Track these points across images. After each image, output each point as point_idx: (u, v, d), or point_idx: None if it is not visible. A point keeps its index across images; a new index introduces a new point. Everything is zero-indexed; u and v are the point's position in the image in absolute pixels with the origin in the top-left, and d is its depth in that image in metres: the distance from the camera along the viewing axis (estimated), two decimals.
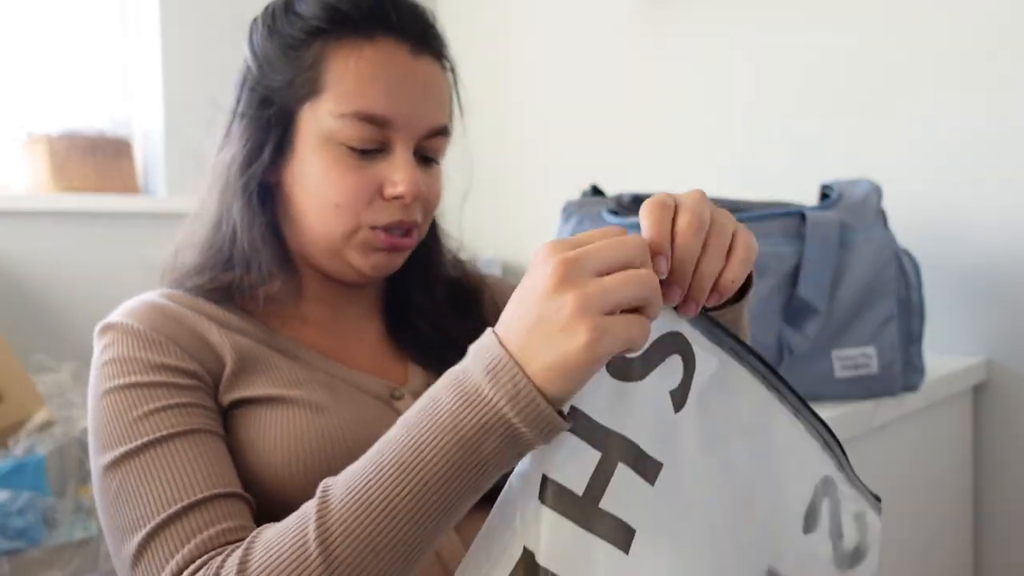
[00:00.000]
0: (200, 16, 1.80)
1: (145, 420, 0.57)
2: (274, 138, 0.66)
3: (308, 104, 0.65)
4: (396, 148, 0.65)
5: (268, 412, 0.62)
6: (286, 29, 0.66)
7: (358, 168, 0.64)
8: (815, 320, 0.88)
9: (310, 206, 0.66)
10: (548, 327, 0.43)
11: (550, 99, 1.88)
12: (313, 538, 0.45)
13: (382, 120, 0.64)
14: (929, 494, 1.10)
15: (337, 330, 0.73)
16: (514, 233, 1.95)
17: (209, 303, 0.67)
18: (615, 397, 0.48)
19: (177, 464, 0.55)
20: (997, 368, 1.21)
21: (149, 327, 0.62)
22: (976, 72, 1.21)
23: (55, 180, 1.64)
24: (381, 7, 0.65)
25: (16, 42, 1.68)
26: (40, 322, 1.60)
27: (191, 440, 0.57)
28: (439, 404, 0.45)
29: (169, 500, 0.53)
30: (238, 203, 0.67)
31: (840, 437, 0.87)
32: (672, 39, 1.61)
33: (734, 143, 1.52)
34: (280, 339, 0.68)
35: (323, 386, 0.65)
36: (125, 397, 0.58)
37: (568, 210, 1.05)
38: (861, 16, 1.33)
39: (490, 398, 0.44)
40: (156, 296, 0.67)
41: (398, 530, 0.45)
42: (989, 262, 1.20)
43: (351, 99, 0.63)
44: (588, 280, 0.43)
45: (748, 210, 1.02)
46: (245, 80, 0.69)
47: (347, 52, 0.64)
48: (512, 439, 0.44)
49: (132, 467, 0.55)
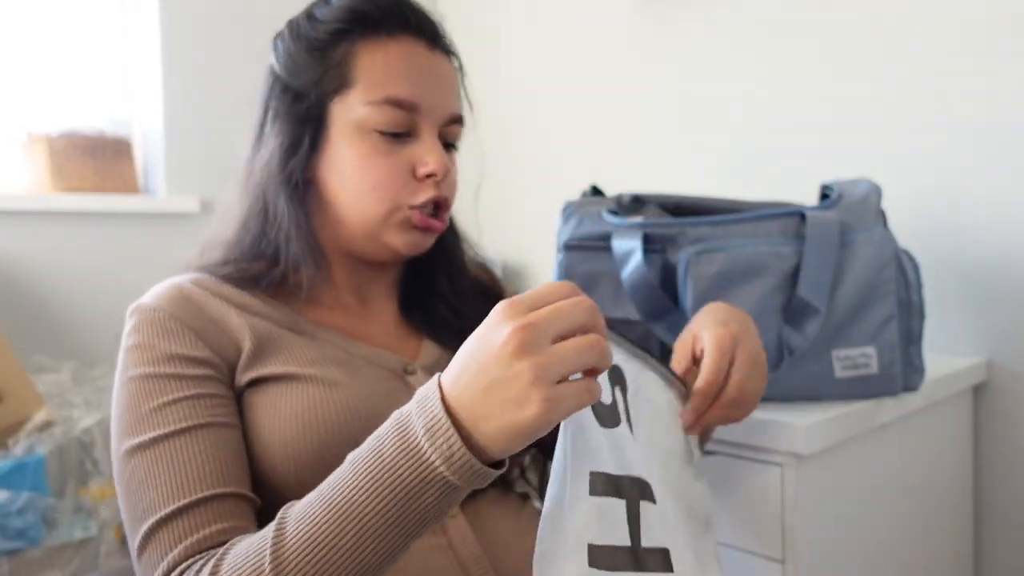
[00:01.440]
0: (200, 16, 1.80)
1: (159, 412, 0.61)
2: (309, 134, 0.71)
3: (339, 98, 0.71)
4: (423, 132, 0.72)
5: (284, 388, 0.65)
6: (311, 33, 0.72)
7: (390, 152, 0.70)
8: (815, 320, 0.88)
9: (347, 193, 0.71)
10: (502, 392, 0.45)
11: (550, 99, 1.88)
12: (268, 563, 0.49)
13: (410, 105, 0.70)
14: (929, 495, 1.10)
15: (360, 312, 0.78)
16: (514, 233, 1.95)
17: (234, 288, 0.71)
18: (612, 444, 0.53)
19: (183, 460, 0.59)
20: (997, 368, 1.21)
21: (171, 313, 0.66)
22: (977, 71, 1.21)
23: (55, 180, 1.64)
24: (400, 10, 0.72)
25: (16, 42, 1.68)
26: (40, 322, 1.60)
27: (200, 435, 0.60)
28: (383, 452, 0.49)
29: (171, 497, 0.57)
30: (282, 196, 0.71)
31: (840, 437, 0.88)
32: (673, 39, 1.61)
33: (734, 143, 1.52)
34: (302, 321, 0.72)
35: (339, 363, 0.69)
36: (142, 387, 0.62)
37: (568, 210, 1.05)
38: (861, 16, 1.33)
39: (428, 456, 0.47)
40: (185, 280, 0.71)
41: (343, 565, 0.49)
42: (989, 262, 1.20)
43: (381, 87, 0.70)
44: (545, 347, 0.45)
45: (748, 210, 1.02)
46: (272, 88, 0.74)
47: (374, 47, 0.70)
48: (448, 492, 0.48)
49: (143, 459, 0.59)
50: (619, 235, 0.96)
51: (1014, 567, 1.20)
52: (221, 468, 0.59)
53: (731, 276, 0.91)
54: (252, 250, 0.73)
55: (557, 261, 1.02)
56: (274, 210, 0.72)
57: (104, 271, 1.66)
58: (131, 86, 1.83)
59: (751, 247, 0.92)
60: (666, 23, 1.62)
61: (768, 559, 0.86)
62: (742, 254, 0.92)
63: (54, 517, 1.22)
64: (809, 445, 0.82)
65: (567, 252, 0.99)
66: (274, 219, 0.72)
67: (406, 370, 0.73)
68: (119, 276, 1.67)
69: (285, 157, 0.71)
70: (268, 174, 0.72)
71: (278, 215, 0.71)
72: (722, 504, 0.89)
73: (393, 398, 0.66)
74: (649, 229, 0.95)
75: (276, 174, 0.71)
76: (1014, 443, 1.20)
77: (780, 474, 0.85)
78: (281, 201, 0.71)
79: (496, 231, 1.95)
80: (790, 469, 0.84)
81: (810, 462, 0.85)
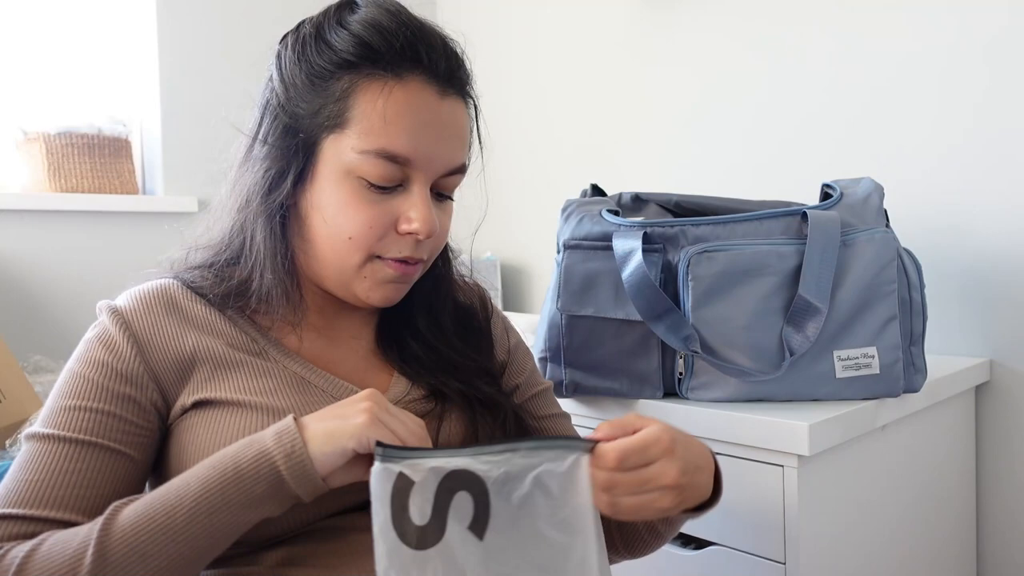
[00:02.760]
0: (198, 15, 1.79)
1: (69, 412, 0.63)
2: (296, 166, 0.67)
3: (332, 136, 0.66)
4: (414, 186, 0.67)
5: (226, 414, 0.65)
6: (316, 59, 0.66)
7: (374, 203, 0.66)
8: (816, 320, 0.88)
9: (325, 235, 0.67)
10: (340, 410, 0.59)
11: (551, 99, 1.87)
12: (94, 540, 0.55)
13: (403, 160, 0.65)
14: (931, 495, 1.09)
15: (331, 337, 0.75)
16: (514, 233, 1.94)
17: (203, 303, 0.70)
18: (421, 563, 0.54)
19: (60, 470, 0.61)
20: (999, 368, 1.20)
21: (128, 323, 0.67)
22: (979, 72, 1.20)
23: (52, 179, 1.63)
24: (413, 47, 0.65)
25: (14, 40, 1.68)
26: (38, 322, 1.60)
27: (90, 453, 0.62)
28: (228, 451, 0.58)
29: (30, 500, 0.60)
30: (260, 226, 0.69)
31: (841, 437, 0.87)
32: (673, 39, 1.61)
33: (735, 143, 1.51)
34: (267, 343, 0.70)
35: (294, 392, 0.68)
36: (67, 383, 0.65)
37: (568, 210, 1.05)
38: (862, 16, 1.33)
39: (269, 449, 0.57)
40: (158, 288, 0.70)
41: (172, 545, 0.55)
42: (991, 262, 1.20)
43: (375, 137, 0.64)
44: (387, 406, 0.60)
45: (749, 209, 1.01)
46: (268, 103, 0.70)
47: (376, 90, 0.65)
48: (278, 485, 0.57)
49: (32, 448, 0.62)
50: (619, 235, 0.95)
51: (1016, 567, 1.20)
52: (90, 495, 0.61)
53: (732, 276, 0.91)
54: (228, 267, 0.72)
55: (557, 260, 1.01)
56: (251, 238, 0.69)
57: (102, 271, 1.66)
58: (129, 85, 1.82)
59: (752, 247, 0.91)
60: (667, 23, 1.62)
61: (769, 560, 0.85)
62: (743, 254, 0.91)
63: None
64: (811, 446, 0.82)
65: (567, 251, 0.98)
66: (250, 248, 0.70)
67: None
68: (117, 276, 1.66)
69: (268, 188, 0.67)
70: (248, 200, 0.69)
71: (254, 245, 0.69)
72: (723, 505, 0.88)
73: None
74: (649, 229, 0.95)
75: (257, 203, 0.68)
76: (1016, 443, 1.19)
77: (781, 475, 0.85)
78: (259, 232, 0.69)
79: (496, 231, 1.95)
80: (791, 470, 0.84)
81: (812, 463, 0.85)
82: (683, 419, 0.93)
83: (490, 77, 2.00)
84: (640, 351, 0.97)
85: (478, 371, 0.77)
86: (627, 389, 0.98)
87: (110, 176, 1.70)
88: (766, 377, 0.90)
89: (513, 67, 1.95)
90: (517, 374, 0.83)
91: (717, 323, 0.91)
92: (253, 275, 0.69)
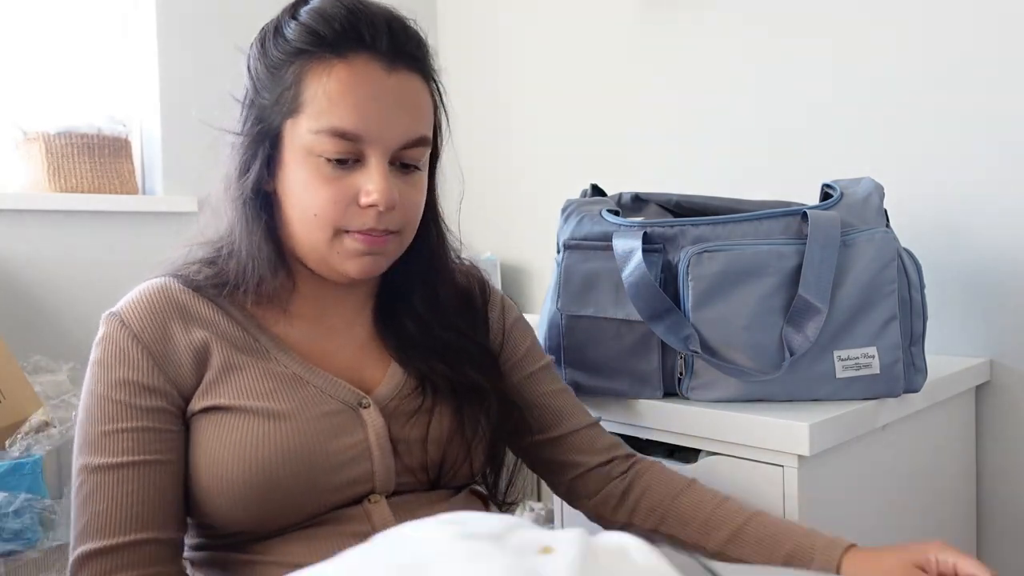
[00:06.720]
0: (196, 15, 1.79)
1: (106, 438, 0.66)
2: (263, 153, 0.71)
3: (290, 121, 0.69)
4: (371, 159, 0.70)
5: (229, 420, 0.68)
6: (273, 51, 0.71)
7: (335, 179, 0.69)
8: (816, 320, 0.88)
9: (297, 216, 0.71)
10: None
11: (551, 99, 1.87)
12: None
13: (353, 136, 0.68)
14: (931, 495, 1.09)
15: (325, 327, 0.78)
16: (514, 233, 1.94)
17: (205, 300, 0.73)
18: None
19: (119, 495, 0.65)
20: (1000, 368, 1.20)
21: (136, 332, 0.69)
22: (980, 72, 1.20)
23: (52, 179, 1.63)
24: (354, 27, 0.69)
25: (14, 40, 1.67)
26: (38, 322, 1.60)
27: (138, 472, 0.66)
28: None
29: (102, 531, 0.64)
30: (236, 211, 0.72)
31: (842, 437, 0.87)
32: (673, 39, 1.61)
33: (735, 143, 1.51)
34: (264, 340, 0.73)
35: (292, 391, 0.70)
36: (97, 408, 0.67)
37: (568, 210, 1.05)
38: (862, 16, 1.33)
39: None
40: (158, 290, 0.72)
41: None
42: (992, 262, 1.20)
43: (324, 116, 0.68)
44: None
45: (749, 209, 1.01)
46: (244, 98, 0.74)
47: (320, 72, 0.68)
48: None
49: (87, 481, 0.65)
50: (619, 235, 0.95)
51: (1017, 567, 1.20)
52: (150, 511, 0.65)
53: (732, 276, 0.91)
54: (223, 259, 0.74)
55: (557, 260, 1.01)
56: (232, 225, 0.73)
57: (102, 271, 1.65)
58: (129, 85, 1.82)
59: (752, 247, 0.91)
60: (668, 23, 1.61)
61: None
62: (743, 254, 0.91)
63: (51, 519, 1.21)
64: (811, 446, 0.82)
65: (567, 251, 0.98)
66: (236, 235, 0.73)
67: (360, 404, 0.73)
68: (117, 276, 1.66)
69: (239, 173, 0.71)
70: (227, 188, 0.73)
71: (234, 231, 0.73)
72: None
73: (343, 432, 0.70)
74: (649, 229, 0.95)
75: (233, 190, 0.72)
76: (1017, 443, 1.19)
77: (781, 475, 0.85)
78: (237, 218, 0.72)
79: (496, 230, 1.95)
80: (791, 470, 0.84)
81: (812, 463, 0.85)
82: (683, 419, 0.93)
83: (489, 77, 2.00)
84: (640, 351, 0.96)
85: (468, 353, 0.79)
86: (627, 389, 0.98)
87: (110, 176, 1.70)
88: (766, 377, 0.90)
89: (513, 67, 1.95)
90: (513, 351, 0.86)
91: (717, 323, 0.91)
92: (239, 262, 0.72)
